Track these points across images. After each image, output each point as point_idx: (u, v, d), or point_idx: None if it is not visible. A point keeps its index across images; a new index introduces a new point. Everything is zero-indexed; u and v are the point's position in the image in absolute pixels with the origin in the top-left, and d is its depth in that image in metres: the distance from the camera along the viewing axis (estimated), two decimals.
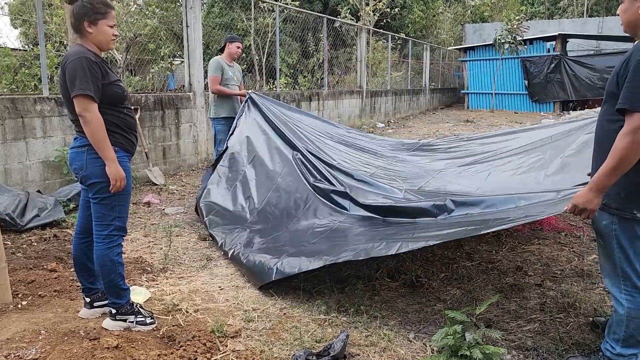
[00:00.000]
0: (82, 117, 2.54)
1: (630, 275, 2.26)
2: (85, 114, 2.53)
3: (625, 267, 2.26)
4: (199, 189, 5.54)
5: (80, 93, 2.50)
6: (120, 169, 2.63)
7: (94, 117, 2.54)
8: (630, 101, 2.02)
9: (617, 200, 2.22)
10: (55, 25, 10.78)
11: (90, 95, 2.51)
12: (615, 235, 2.25)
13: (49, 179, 5.71)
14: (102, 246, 2.72)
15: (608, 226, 2.27)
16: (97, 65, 2.57)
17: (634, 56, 2.07)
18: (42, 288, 3.36)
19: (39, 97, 5.64)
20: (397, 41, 19.12)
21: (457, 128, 14.55)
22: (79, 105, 2.52)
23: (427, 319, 3.05)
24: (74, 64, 2.53)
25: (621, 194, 2.21)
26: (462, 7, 32.13)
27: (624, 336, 2.32)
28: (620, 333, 2.33)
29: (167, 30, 12.64)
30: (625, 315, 2.29)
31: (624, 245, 2.24)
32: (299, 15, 12.57)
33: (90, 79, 2.52)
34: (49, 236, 4.48)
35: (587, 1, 29.02)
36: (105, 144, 2.58)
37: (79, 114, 2.54)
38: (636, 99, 2.01)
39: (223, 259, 4.06)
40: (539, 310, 3.12)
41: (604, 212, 2.28)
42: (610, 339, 2.41)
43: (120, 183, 2.63)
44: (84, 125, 2.56)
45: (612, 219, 2.25)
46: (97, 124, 2.55)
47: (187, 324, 2.93)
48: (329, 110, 12.67)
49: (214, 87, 5.77)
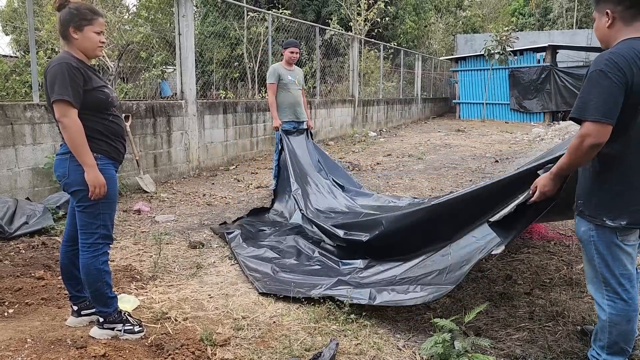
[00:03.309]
0: (60, 122, 2.53)
1: (610, 281, 2.30)
2: (63, 120, 2.51)
3: (605, 272, 2.30)
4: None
5: (58, 98, 2.49)
6: (100, 175, 2.60)
7: (71, 123, 2.52)
8: (580, 110, 2.15)
9: (589, 208, 2.29)
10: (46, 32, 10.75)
11: (69, 100, 2.50)
12: (593, 241, 2.30)
13: (38, 187, 5.67)
14: (87, 255, 2.70)
15: (586, 232, 2.32)
16: (78, 71, 2.56)
17: (590, 68, 2.18)
18: (30, 296, 3.33)
19: (29, 104, 5.61)
20: (389, 51, 19.25)
21: (448, 137, 14.64)
22: (57, 111, 2.51)
23: (416, 327, 3.05)
24: (54, 70, 2.53)
25: (593, 201, 2.29)
26: (453, 18, 32.41)
27: (608, 343, 2.35)
28: (605, 340, 2.36)
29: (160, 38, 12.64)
30: (608, 321, 2.32)
31: (601, 251, 2.29)
32: (292, 25, 12.63)
33: (69, 84, 2.51)
34: (37, 244, 4.44)
35: (576, 13, 29.42)
36: (83, 150, 2.56)
37: (57, 119, 2.53)
38: (585, 109, 2.12)
39: (213, 267, 4.05)
40: (528, 319, 3.13)
41: (581, 219, 2.34)
42: (596, 346, 2.43)
43: (99, 190, 2.60)
44: (62, 131, 2.56)
45: (590, 225, 2.31)
46: (75, 129, 2.53)
47: (176, 332, 2.90)
48: (322, 119, 12.70)
49: (269, 96, 6.15)
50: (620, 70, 2.08)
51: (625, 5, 2.17)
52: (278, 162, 5.91)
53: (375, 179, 8.05)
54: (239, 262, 4.08)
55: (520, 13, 33.67)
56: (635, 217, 2.21)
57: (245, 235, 4.68)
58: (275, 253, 4.29)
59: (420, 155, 10.74)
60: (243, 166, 9.08)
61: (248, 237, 4.67)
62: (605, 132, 2.10)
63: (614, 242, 2.26)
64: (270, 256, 4.21)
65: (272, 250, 4.34)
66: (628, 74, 2.09)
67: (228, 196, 6.71)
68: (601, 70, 2.11)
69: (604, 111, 2.08)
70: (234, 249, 4.34)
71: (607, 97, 2.09)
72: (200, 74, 11.89)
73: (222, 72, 13.68)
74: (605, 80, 2.10)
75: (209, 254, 4.39)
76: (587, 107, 2.12)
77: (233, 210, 5.87)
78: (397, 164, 9.61)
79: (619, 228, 2.21)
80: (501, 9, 36.25)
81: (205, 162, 8.52)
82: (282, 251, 4.36)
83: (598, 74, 2.12)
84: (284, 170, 5.74)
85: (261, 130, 10.18)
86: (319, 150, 6.44)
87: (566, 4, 29.84)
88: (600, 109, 2.08)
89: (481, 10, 36.28)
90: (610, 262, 2.28)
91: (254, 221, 5.27)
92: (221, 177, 8.03)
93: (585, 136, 2.12)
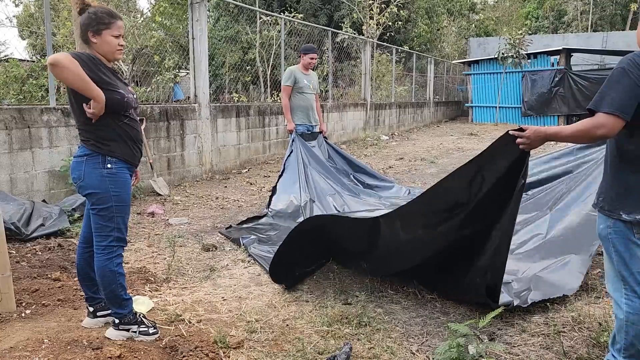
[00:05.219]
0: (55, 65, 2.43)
1: (628, 279, 2.28)
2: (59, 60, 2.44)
3: (623, 270, 2.28)
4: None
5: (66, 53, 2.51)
6: (103, 105, 2.57)
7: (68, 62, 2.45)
8: (596, 103, 2.22)
9: (608, 202, 2.30)
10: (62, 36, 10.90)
11: (75, 58, 2.49)
12: (611, 239, 2.29)
13: (54, 189, 5.74)
14: (101, 257, 2.72)
15: (605, 229, 2.32)
16: (102, 64, 2.63)
17: (615, 66, 2.23)
18: (46, 297, 3.37)
19: (46, 108, 5.69)
20: (401, 54, 19.23)
21: (461, 141, 14.57)
22: (55, 56, 2.45)
23: (430, 332, 3.03)
24: (82, 52, 2.62)
25: (611, 195, 2.29)
26: (466, 22, 32.32)
27: (625, 345, 2.32)
28: (622, 342, 2.32)
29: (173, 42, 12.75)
30: (625, 320, 2.29)
31: (619, 248, 2.27)
32: (304, 29, 12.67)
33: (88, 62, 2.54)
34: (53, 245, 4.50)
35: (591, 16, 29.12)
36: (90, 84, 2.51)
37: (51, 62, 2.45)
38: (601, 102, 2.21)
39: (226, 270, 4.07)
40: (543, 324, 3.10)
41: (601, 214, 2.35)
42: (613, 349, 2.40)
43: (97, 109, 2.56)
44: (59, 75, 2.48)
45: (608, 222, 2.30)
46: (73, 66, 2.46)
47: (189, 334, 2.92)
48: (334, 123, 12.71)
49: (283, 98, 6.18)
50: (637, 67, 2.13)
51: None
52: (284, 163, 5.91)
53: None
54: (262, 264, 4.11)
55: (534, 16, 33.42)
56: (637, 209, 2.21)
57: (259, 239, 4.69)
58: None
59: (432, 159, 10.70)
60: (255, 169, 9.11)
61: (262, 240, 4.68)
62: (617, 125, 2.16)
63: (630, 239, 2.24)
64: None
65: None
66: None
67: (241, 199, 6.74)
68: (622, 68, 2.18)
69: (619, 106, 2.15)
70: (253, 252, 4.36)
71: (624, 93, 2.15)
72: (213, 78, 11.97)
73: (234, 76, 13.77)
74: (625, 77, 2.16)
75: (222, 256, 4.41)
76: (604, 100, 2.19)
77: (245, 214, 5.89)
78: (410, 168, 9.58)
79: (633, 222, 2.21)
80: (514, 12, 36.03)
81: (218, 165, 8.57)
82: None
83: (619, 71, 2.19)
84: (290, 173, 5.72)
85: (274, 134, 10.22)
86: (337, 150, 6.42)
87: (581, 7, 29.55)
88: (616, 104, 2.15)
89: (494, 13, 36.10)
90: (627, 259, 2.26)
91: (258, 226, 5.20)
92: (234, 180, 8.07)
93: (598, 126, 2.19)
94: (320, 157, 6.04)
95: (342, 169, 6.19)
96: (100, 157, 2.66)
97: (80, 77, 2.47)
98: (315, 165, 5.86)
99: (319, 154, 6.06)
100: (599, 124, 2.18)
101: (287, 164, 5.80)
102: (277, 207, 5.45)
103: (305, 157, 5.79)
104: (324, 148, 6.25)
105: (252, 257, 4.31)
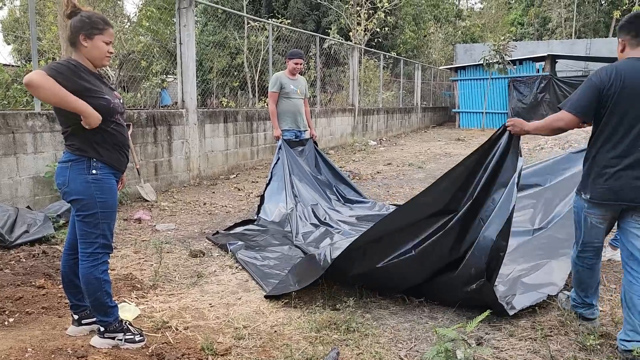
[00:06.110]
0: (30, 85, 2.40)
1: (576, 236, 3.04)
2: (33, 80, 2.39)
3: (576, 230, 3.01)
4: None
5: (42, 70, 2.45)
6: (96, 114, 2.55)
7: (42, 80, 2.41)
8: (563, 102, 2.87)
9: (580, 184, 2.95)
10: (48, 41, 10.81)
11: (51, 74, 2.44)
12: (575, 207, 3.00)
13: (39, 195, 5.67)
14: (86, 264, 2.69)
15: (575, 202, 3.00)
16: (76, 67, 2.57)
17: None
18: (30, 305, 3.32)
19: (31, 113, 5.62)
20: (389, 60, 19.33)
21: (448, 147, 14.66)
22: (30, 76, 2.40)
23: (418, 337, 3.04)
24: (57, 62, 2.58)
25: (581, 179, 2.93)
26: (453, 28, 32.61)
27: (574, 282, 3.14)
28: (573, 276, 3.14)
29: (160, 47, 12.70)
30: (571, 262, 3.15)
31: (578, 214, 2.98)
32: (292, 35, 12.69)
33: (62, 70, 2.50)
34: (37, 252, 4.43)
35: (575, 23, 29.56)
36: (68, 99, 2.48)
37: (25, 83, 2.41)
38: (566, 102, 2.83)
39: (214, 276, 4.04)
40: (530, 328, 3.12)
41: (576, 195, 2.98)
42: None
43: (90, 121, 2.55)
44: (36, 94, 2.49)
45: (577, 198, 2.97)
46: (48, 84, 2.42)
47: (176, 341, 2.89)
48: (322, 128, 12.73)
49: (270, 105, 6.17)
50: (600, 78, 2.71)
51: (632, 35, 2.78)
52: (272, 170, 5.90)
53: (376, 187, 8.05)
54: (248, 271, 4.11)
55: (519, 23, 33.86)
56: (595, 193, 2.81)
57: (247, 245, 4.68)
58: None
59: (420, 164, 10.75)
60: (243, 175, 9.09)
61: (249, 246, 4.67)
62: (572, 121, 2.80)
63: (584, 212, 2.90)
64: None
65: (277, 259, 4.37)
66: (605, 82, 2.69)
67: (229, 205, 6.71)
68: (590, 78, 2.77)
69: (577, 106, 2.77)
70: (240, 258, 4.35)
71: (583, 97, 2.77)
72: (200, 83, 11.93)
73: (222, 81, 13.74)
74: (587, 83, 2.77)
75: (209, 262, 4.38)
76: (569, 101, 2.82)
77: (234, 219, 5.86)
78: (398, 173, 9.61)
79: (586, 200, 2.85)
80: (500, 19, 36.46)
81: (206, 170, 8.53)
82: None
83: (586, 80, 2.79)
84: (277, 181, 5.72)
85: (262, 139, 10.20)
86: (324, 157, 6.41)
87: (565, 14, 30.01)
88: (575, 105, 2.78)
89: (480, 20, 36.50)
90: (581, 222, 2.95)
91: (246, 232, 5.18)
92: (221, 186, 8.03)
93: (558, 120, 2.86)
94: (305, 166, 6.02)
95: (325, 180, 6.16)
96: (85, 162, 2.63)
97: (56, 94, 2.45)
98: (299, 174, 5.86)
99: (304, 163, 6.04)
100: (559, 118, 2.84)
101: (274, 172, 5.80)
102: (266, 217, 5.47)
103: (289, 165, 5.77)
104: (312, 154, 6.24)
105: (239, 263, 4.30)
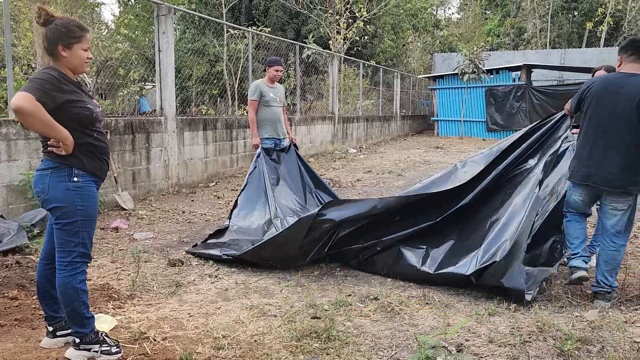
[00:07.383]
0: (20, 112, 2.36)
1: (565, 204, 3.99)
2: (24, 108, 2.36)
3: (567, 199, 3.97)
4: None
5: (29, 93, 2.39)
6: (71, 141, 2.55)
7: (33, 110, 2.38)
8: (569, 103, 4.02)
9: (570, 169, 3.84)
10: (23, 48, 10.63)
11: (37, 96, 2.40)
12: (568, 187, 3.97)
13: (13, 204, 5.54)
14: (64, 273, 2.63)
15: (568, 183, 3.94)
16: (57, 80, 2.52)
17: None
18: (2, 317, 3.23)
19: (4, 120, 5.50)
20: (368, 69, 19.47)
21: (427, 154, 14.79)
22: (16, 100, 2.36)
23: (399, 344, 3.04)
24: (39, 74, 2.52)
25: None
26: (431, 37, 33.06)
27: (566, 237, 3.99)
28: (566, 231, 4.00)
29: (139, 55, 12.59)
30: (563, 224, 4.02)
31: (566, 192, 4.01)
32: (272, 42, 12.71)
33: (47, 88, 2.45)
34: (11, 263, 4.33)
35: (549, 34, 30.23)
36: (55, 128, 2.47)
37: (15, 110, 2.37)
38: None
39: (193, 285, 3.99)
40: (509, 334, 3.14)
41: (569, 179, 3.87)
42: None
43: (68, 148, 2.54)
44: (24, 122, 2.46)
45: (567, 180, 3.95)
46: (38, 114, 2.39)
47: (154, 352, 2.84)
48: (302, 136, 12.73)
49: (249, 113, 6.13)
50: (582, 88, 3.73)
51: (628, 54, 3.54)
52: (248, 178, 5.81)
53: (356, 195, 8.07)
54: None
55: (495, 33, 34.47)
56: (575, 176, 3.73)
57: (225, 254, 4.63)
58: None
59: (400, 171, 10.82)
60: (223, 183, 9.02)
61: (227, 254, 4.62)
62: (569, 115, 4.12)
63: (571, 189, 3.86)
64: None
65: None
66: (584, 91, 3.68)
67: (208, 213, 6.65)
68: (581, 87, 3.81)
69: (572, 106, 3.94)
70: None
71: (574, 99, 3.85)
72: (180, 91, 11.86)
73: (201, 89, 13.68)
74: (578, 92, 3.81)
75: (188, 271, 4.33)
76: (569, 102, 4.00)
77: (213, 228, 5.80)
78: (378, 181, 9.66)
79: (571, 180, 3.79)
80: (477, 29, 37.08)
81: (185, 178, 8.45)
82: None
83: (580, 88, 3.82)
84: (252, 188, 5.68)
85: (241, 147, 10.16)
86: (305, 163, 6.38)
87: (540, 25, 30.66)
88: (572, 105, 3.93)
89: (458, 30, 37.09)
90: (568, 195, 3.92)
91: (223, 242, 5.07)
92: (201, 194, 7.96)
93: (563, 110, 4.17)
94: (285, 174, 5.99)
95: (306, 184, 6.13)
96: (66, 170, 2.60)
97: (45, 124, 2.45)
98: (275, 183, 5.83)
99: (284, 170, 6.01)
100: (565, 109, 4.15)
101: (250, 179, 5.74)
102: (239, 222, 5.36)
103: (267, 175, 5.74)
104: (293, 160, 6.18)
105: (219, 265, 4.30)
